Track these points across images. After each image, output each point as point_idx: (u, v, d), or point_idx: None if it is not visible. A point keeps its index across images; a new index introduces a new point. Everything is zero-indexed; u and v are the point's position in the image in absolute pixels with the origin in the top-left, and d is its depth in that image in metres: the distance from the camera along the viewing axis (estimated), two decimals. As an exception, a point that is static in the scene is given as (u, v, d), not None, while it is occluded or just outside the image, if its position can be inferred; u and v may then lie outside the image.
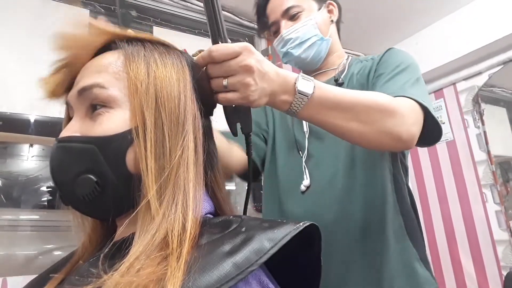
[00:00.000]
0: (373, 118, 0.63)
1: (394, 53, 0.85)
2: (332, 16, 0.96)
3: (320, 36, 0.91)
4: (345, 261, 0.78)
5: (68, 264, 0.50)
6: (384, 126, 0.64)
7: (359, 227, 0.79)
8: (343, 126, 0.63)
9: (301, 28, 0.90)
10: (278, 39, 0.93)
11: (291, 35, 0.90)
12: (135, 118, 0.42)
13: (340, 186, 0.82)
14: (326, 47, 0.93)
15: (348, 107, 0.62)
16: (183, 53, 0.52)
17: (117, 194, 0.43)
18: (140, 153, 0.41)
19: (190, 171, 0.42)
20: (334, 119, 0.62)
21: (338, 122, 0.62)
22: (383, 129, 0.64)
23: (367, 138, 0.65)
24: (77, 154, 0.43)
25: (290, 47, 0.91)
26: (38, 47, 1.39)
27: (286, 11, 0.91)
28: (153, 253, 0.36)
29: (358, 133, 0.64)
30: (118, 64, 0.45)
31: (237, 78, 0.51)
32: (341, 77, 0.91)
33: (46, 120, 1.39)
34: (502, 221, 1.87)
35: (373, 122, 0.63)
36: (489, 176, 1.94)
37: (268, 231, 0.37)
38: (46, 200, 1.42)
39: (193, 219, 0.40)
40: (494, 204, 1.91)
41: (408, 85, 0.73)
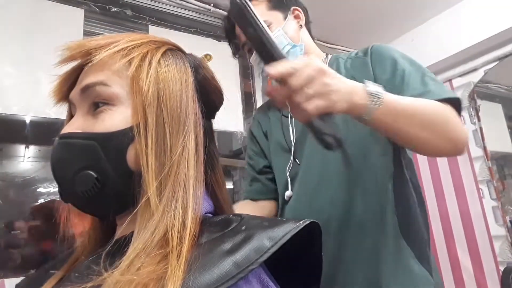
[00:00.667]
0: (436, 125, 0.66)
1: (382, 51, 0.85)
2: (300, 21, 0.96)
3: (292, 44, 0.91)
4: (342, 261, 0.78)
5: (67, 262, 0.50)
6: (447, 132, 0.67)
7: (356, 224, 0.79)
8: (411, 132, 0.65)
9: None
10: (253, 57, 0.93)
11: None
12: (136, 115, 0.43)
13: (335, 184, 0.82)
14: (301, 52, 0.93)
15: (414, 113, 0.65)
16: (186, 53, 0.52)
17: (117, 191, 0.43)
18: (140, 150, 0.41)
19: (191, 169, 0.42)
20: (404, 125, 0.64)
21: (407, 129, 0.64)
22: (446, 136, 0.67)
23: (431, 145, 0.67)
24: (78, 150, 0.43)
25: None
26: (34, 47, 1.39)
27: None
28: (153, 251, 0.36)
29: (424, 140, 0.66)
30: (121, 62, 0.45)
31: (316, 82, 0.54)
32: None
33: (42, 121, 1.38)
34: (499, 216, 1.88)
35: (437, 129, 0.66)
36: (485, 172, 1.95)
37: (268, 229, 0.37)
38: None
39: (193, 216, 0.40)
40: (490, 199, 1.92)
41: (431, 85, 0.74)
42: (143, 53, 0.46)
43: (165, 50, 0.48)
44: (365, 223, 0.79)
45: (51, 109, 1.35)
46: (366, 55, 0.88)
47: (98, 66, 0.45)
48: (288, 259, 0.42)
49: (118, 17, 1.65)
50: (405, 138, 0.67)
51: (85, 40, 0.46)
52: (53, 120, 1.35)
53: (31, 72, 1.35)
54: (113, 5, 1.62)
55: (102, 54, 0.44)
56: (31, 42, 1.39)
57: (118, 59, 0.45)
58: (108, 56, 0.44)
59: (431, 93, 0.72)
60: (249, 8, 0.56)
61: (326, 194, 0.82)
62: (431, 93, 0.72)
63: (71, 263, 0.49)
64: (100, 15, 1.60)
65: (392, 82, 0.78)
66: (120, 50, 0.45)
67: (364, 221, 0.79)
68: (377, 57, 0.86)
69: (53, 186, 1.40)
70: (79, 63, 0.47)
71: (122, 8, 1.64)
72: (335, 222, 0.80)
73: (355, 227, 0.79)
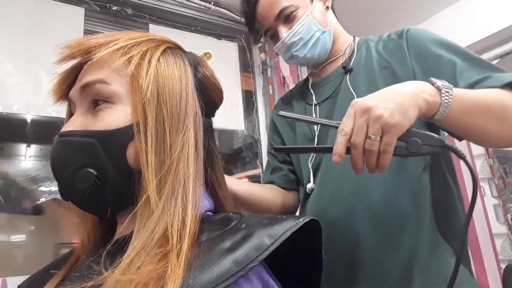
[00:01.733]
0: (508, 114, 0.61)
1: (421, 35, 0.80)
2: (327, 2, 0.90)
3: (322, 29, 0.86)
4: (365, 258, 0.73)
5: (68, 262, 0.50)
6: None
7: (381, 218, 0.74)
8: (487, 126, 0.61)
9: (300, 29, 0.85)
10: (279, 44, 0.88)
11: (293, 38, 0.85)
12: (136, 113, 0.43)
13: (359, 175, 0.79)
14: (330, 38, 0.88)
15: (488, 105, 0.61)
16: (186, 52, 0.52)
17: (117, 188, 0.43)
18: (140, 148, 0.42)
19: (190, 166, 0.42)
20: (479, 120, 0.60)
21: (482, 123, 0.61)
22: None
23: (505, 136, 0.63)
24: (78, 148, 0.43)
25: (294, 50, 0.87)
26: (34, 46, 1.39)
27: (280, 14, 0.85)
28: (153, 250, 0.36)
29: (499, 132, 0.62)
30: (121, 60, 0.45)
31: (370, 123, 0.52)
32: (350, 64, 0.86)
33: (43, 120, 1.38)
34: (500, 214, 1.88)
35: (508, 119, 0.61)
36: (486, 169, 1.95)
37: (268, 227, 0.37)
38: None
39: (192, 214, 0.40)
40: (492, 197, 1.91)
41: (487, 69, 0.69)
42: (142, 51, 0.46)
43: (165, 48, 0.48)
44: (399, 217, 0.73)
45: (52, 108, 1.36)
46: (401, 37, 0.82)
47: (97, 65, 0.45)
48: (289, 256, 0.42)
49: (119, 15, 1.65)
50: (481, 133, 0.63)
51: (84, 38, 0.46)
52: (54, 119, 1.35)
53: (32, 71, 1.35)
54: (114, 4, 1.62)
55: (102, 52, 0.44)
56: (31, 41, 1.39)
57: (117, 57, 0.45)
58: (107, 55, 0.44)
59: (491, 79, 0.66)
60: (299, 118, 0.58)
61: (349, 186, 0.77)
62: (491, 78, 0.67)
63: (72, 263, 0.49)
64: (100, 14, 1.60)
65: (438, 71, 0.73)
66: (119, 49, 0.45)
67: (398, 215, 0.73)
68: (414, 42, 0.80)
69: (55, 185, 1.40)
70: (78, 62, 0.47)
71: (122, 6, 1.64)
72: (359, 215, 0.75)
73: (380, 221, 0.73)
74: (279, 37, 0.87)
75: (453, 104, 0.57)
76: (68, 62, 0.47)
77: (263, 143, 1.95)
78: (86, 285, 0.35)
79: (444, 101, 0.57)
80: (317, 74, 0.97)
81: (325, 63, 0.93)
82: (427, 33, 0.81)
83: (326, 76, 0.93)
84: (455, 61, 0.72)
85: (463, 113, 0.59)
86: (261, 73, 2.03)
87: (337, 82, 0.87)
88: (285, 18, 0.86)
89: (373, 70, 0.82)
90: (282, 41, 0.87)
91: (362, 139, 0.53)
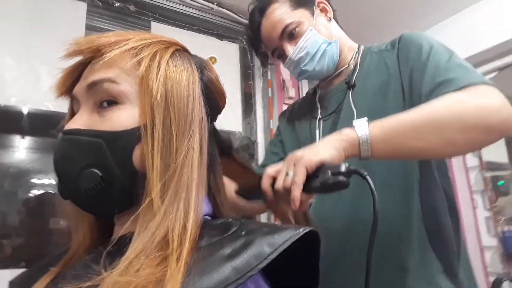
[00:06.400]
0: (451, 122, 0.59)
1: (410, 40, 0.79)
2: (328, 14, 0.91)
3: (327, 41, 0.86)
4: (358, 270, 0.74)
5: (62, 260, 0.49)
6: (470, 122, 0.59)
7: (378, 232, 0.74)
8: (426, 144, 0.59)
9: (306, 43, 0.85)
10: (288, 61, 0.88)
11: (299, 54, 0.86)
12: (144, 115, 0.43)
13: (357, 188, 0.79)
14: (337, 48, 0.89)
15: (417, 123, 0.60)
16: (193, 55, 0.52)
17: (121, 190, 0.43)
18: (147, 150, 0.41)
19: (194, 171, 0.42)
20: (412, 140, 0.59)
21: (417, 143, 0.59)
22: (470, 127, 0.59)
23: (459, 145, 0.60)
24: (84, 148, 0.42)
25: (303, 65, 0.87)
26: (35, 40, 1.38)
27: (283, 32, 0.86)
28: (153, 253, 0.36)
29: (447, 144, 0.60)
30: (131, 61, 0.45)
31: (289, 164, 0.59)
32: (353, 79, 0.86)
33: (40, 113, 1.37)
34: (491, 227, 1.90)
35: (453, 127, 0.59)
36: (480, 182, 1.97)
37: (268, 236, 0.37)
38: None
39: (194, 219, 0.40)
40: (484, 210, 1.93)
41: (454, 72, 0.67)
42: (152, 53, 0.45)
43: (174, 51, 0.48)
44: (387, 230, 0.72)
45: (50, 102, 1.35)
46: (393, 47, 0.82)
47: (106, 63, 0.44)
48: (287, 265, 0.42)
49: (121, 12, 1.64)
50: (425, 152, 0.61)
51: (94, 36, 0.46)
52: (51, 113, 1.35)
53: (32, 65, 1.35)
54: (117, 0, 1.61)
55: (113, 52, 0.43)
56: (32, 35, 1.38)
57: (127, 58, 0.44)
58: (117, 54, 0.44)
59: (451, 82, 0.65)
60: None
61: (347, 201, 0.77)
62: (451, 82, 0.65)
63: (66, 261, 0.49)
64: (103, 9, 1.59)
65: (411, 79, 0.73)
66: (130, 49, 0.45)
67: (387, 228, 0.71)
68: (402, 49, 0.79)
69: (48, 178, 1.39)
70: (85, 58, 0.47)
71: (125, 3, 1.63)
72: (356, 228, 0.75)
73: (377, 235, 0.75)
74: (286, 54, 0.87)
75: (373, 135, 0.59)
76: (73, 58, 0.47)
77: (260, 145, 1.95)
78: (84, 285, 0.35)
79: (359, 133, 0.59)
80: (324, 86, 0.97)
81: (333, 75, 0.92)
82: (416, 37, 0.79)
83: (331, 90, 0.93)
84: (426, 66, 0.71)
85: (391, 139, 0.60)
86: (261, 75, 2.03)
87: (341, 98, 0.88)
88: (289, 35, 0.87)
89: (373, 86, 0.82)
90: (290, 57, 0.87)
91: (281, 181, 0.58)
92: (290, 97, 2.06)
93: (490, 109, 0.60)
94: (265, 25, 0.88)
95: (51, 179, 1.40)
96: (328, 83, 0.95)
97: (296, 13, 0.87)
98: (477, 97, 0.61)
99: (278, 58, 0.93)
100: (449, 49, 0.74)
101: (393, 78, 0.79)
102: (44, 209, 1.39)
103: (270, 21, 0.87)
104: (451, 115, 0.59)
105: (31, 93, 1.33)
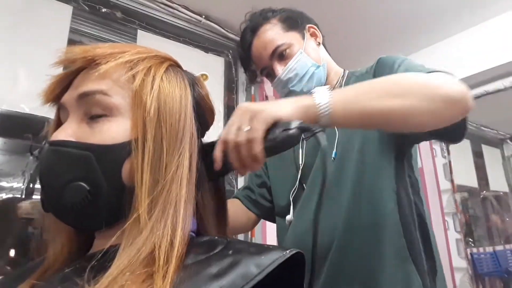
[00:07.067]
0: (412, 87, 0.58)
1: (385, 60, 0.82)
2: (317, 39, 0.95)
3: (316, 64, 0.89)
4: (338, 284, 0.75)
5: (36, 272, 0.47)
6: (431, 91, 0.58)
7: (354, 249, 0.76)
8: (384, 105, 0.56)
9: (295, 65, 0.87)
10: (276, 81, 0.90)
11: (288, 74, 0.88)
12: (136, 129, 0.42)
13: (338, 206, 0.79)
14: (324, 72, 0.91)
15: (377, 84, 0.58)
16: (186, 71, 0.52)
17: (107, 205, 0.41)
18: (137, 165, 0.41)
19: (183, 188, 0.42)
20: (371, 100, 0.56)
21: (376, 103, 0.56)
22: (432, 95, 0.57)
23: (419, 112, 0.57)
24: (72, 160, 0.41)
25: (291, 85, 0.89)
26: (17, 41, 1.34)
27: (274, 52, 0.88)
28: (138, 269, 0.35)
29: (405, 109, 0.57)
30: (126, 74, 0.44)
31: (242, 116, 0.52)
32: None
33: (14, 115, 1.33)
34: (461, 249, 1.96)
35: (415, 91, 0.57)
36: (452, 204, 2.03)
37: (255, 256, 0.36)
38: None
39: (181, 236, 0.39)
40: (455, 232, 1.99)
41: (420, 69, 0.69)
42: (147, 68, 0.45)
43: (168, 66, 0.48)
44: (363, 247, 0.75)
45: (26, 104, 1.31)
46: (371, 69, 0.85)
47: (99, 74, 0.44)
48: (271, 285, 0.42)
49: (108, 18, 1.62)
50: (386, 118, 0.58)
51: (89, 46, 0.45)
52: (26, 115, 1.31)
53: (10, 66, 1.31)
54: (104, 6, 1.60)
55: (109, 64, 0.43)
56: (14, 36, 1.34)
57: (122, 71, 0.44)
58: (112, 66, 0.43)
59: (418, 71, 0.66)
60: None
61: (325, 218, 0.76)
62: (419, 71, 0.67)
63: (41, 272, 0.47)
64: (89, 14, 1.57)
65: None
66: (126, 62, 0.44)
67: (363, 245, 0.75)
68: (379, 68, 0.82)
69: (17, 182, 1.33)
70: (78, 68, 0.46)
71: (112, 9, 1.62)
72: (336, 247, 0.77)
73: (352, 253, 0.75)
74: (275, 74, 0.89)
75: (334, 100, 0.56)
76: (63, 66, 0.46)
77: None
78: None
79: (318, 100, 0.56)
80: None
81: None
82: (391, 58, 0.81)
83: None
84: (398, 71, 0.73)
85: (354, 103, 0.57)
86: (245, 90, 2.05)
87: None
88: (279, 56, 0.89)
89: None
90: (279, 77, 0.89)
91: (233, 133, 0.51)
92: (273, 113, 2.08)
93: (452, 85, 0.60)
94: (256, 44, 0.91)
95: (20, 182, 1.34)
96: None
97: (287, 35, 0.89)
98: (438, 76, 0.63)
99: (267, 77, 0.95)
100: (421, 65, 0.76)
101: None
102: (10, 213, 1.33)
103: (261, 41, 0.90)
104: (415, 83, 0.59)
105: (7, 94, 1.29)
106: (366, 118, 0.58)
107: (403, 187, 0.79)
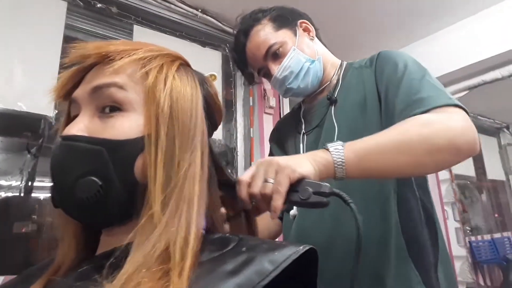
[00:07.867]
0: (419, 144, 0.61)
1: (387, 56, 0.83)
2: (310, 33, 0.94)
3: (310, 59, 0.89)
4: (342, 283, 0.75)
5: (47, 270, 0.47)
6: (437, 145, 0.61)
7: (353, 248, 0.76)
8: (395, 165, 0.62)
9: (289, 63, 0.88)
10: (273, 80, 0.91)
11: (284, 72, 0.88)
12: (149, 125, 0.42)
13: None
14: (320, 66, 0.91)
15: (386, 144, 0.62)
16: (195, 71, 0.52)
17: (119, 201, 0.41)
18: (150, 161, 0.40)
19: (196, 185, 0.42)
20: (383, 163, 0.61)
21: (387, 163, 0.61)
22: (438, 149, 0.62)
23: (428, 165, 0.63)
24: (84, 155, 0.41)
25: (288, 83, 0.90)
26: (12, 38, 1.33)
27: (267, 52, 0.89)
28: (154, 266, 0.35)
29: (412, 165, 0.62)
30: (137, 69, 0.44)
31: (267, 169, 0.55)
32: (334, 95, 0.89)
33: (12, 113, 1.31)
34: (461, 237, 1.98)
35: (421, 148, 0.61)
36: (451, 194, 2.05)
37: (269, 252, 0.37)
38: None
39: (195, 233, 0.39)
40: (454, 221, 2.01)
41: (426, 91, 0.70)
42: (159, 65, 0.45)
43: (179, 65, 0.48)
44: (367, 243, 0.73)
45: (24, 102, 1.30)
46: (371, 64, 0.85)
47: (113, 69, 0.44)
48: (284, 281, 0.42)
49: (103, 13, 1.60)
50: (396, 173, 0.65)
51: (101, 42, 0.45)
52: (23, 113, 1.29)
53: (7, 64, 1.29)
54: (99, 1, 1.58)
55: (123, 60, 0.43)
56: (9, 33, 1.32)
57: (135, 67, 0.44)
58: (126, 62, 0.43)
59: (422, 102, 0.68)
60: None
61: (330, 212, 0.77)
62: (422, 101, 0.68)
63: (53, 272, 0.46)
64: (84, 9, 1.55)
65: (389, 90, 0.76)
66: (139, 59, 0.44)
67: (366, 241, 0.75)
68: (380, 64, 0.83)
69: (15, 180, 1.33)
70: (90, 64, 0.45)
71: (107, 5, 1.60)
72: (339, 240, 0.76)
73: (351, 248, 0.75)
74: (271, 74, 0.90)
75: (347, 159, 0.60)
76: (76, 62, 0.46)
77: (240, 153, 1.94)
78: None
79: (335, 157, 0.60)
80: (308, 101, 1.00)
81: (317, 91, 0.95)
82: (392, 55, 0.82)
83: (315, 105, 0.96)
84: (401, 84, 0.74)
85: (364, 162, 0.61)
86: (242, 83, 2.04)
87: (323, 112, 0.90)
88: (273, 55, 0.89)
89: (353, 103, 0.84)
90: (275, 77, 0.89)
91: (259, 186, 0.55)
92: (271, 107, 2.07)
93: (457, 131, 0.63)
94: (250, 46, 0.91)
95: (18, 181, 1.33)
96: (312, 98, 0.98)
97: (279, 33, 0.89)
98: (444, 119, 0.65)
99: (264, 77, 0.95)
100: (423, 67, 0.78)
101: (370, 94, 0.82)
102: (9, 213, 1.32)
103: (254, 42, 0.90)
104: (420, 138, 0.62)
105: (4, 92, 1.27)
106: (375, 172, 0.64)
107: (406, 184, 0.79)
